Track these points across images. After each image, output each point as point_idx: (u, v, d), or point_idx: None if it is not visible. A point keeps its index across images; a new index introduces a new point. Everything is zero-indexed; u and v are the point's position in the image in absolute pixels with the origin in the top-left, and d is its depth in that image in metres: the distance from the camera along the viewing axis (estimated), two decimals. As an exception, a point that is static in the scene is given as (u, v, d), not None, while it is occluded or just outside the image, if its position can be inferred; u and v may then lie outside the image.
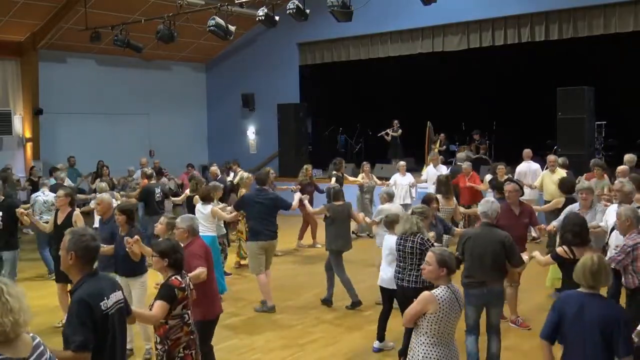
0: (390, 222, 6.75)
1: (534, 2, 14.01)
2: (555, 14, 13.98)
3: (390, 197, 8.38)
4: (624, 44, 13.80)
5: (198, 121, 20.26)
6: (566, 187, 8.48)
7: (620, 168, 9.30)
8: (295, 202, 8.66)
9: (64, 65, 16.70)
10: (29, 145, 16.11)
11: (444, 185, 8.90)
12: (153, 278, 7.28)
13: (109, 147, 16.43)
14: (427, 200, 7.21)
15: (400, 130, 16.68)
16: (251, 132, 19.51)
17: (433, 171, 12.39)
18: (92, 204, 10.31)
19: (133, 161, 15.77)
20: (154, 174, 12.33)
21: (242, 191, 10.87)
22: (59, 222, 7.59)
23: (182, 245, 5.41)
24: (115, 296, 3.54)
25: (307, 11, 11.77)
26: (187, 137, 19.28)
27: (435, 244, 6.09)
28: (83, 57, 16.90)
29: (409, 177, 12.49)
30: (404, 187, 12.28)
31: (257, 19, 12.51)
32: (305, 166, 12.60)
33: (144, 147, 17.89)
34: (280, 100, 17.61)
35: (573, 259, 5.20)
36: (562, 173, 10.60)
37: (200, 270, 5.19)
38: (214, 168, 12.86)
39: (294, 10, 11.58)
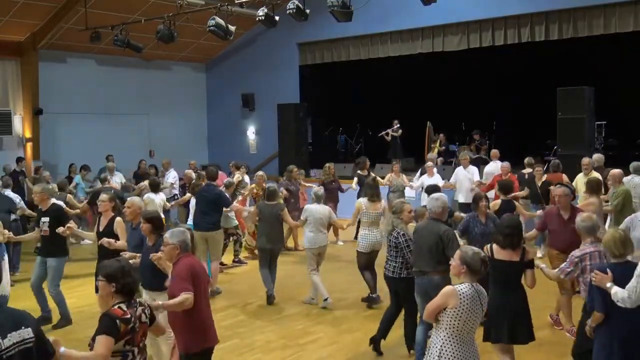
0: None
1: (534, 2, 14.00)
2: (555, 14, 13.96)
3: (318, 198, 8.50)
4: (624, 44, 13.79)
5: (198, 121, 20.24)
6: (504, 190, 8.28)
7: (613, 172, 9.07)
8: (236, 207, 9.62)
9: (64, 65, 16.68)
10: (29, 145, 16.09)
11: (370, 188, 8.46)
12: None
13: (109, 147, 16.37)
14: (477, 199, 7.35)
15: (400, 130, 16.68)
16: (251, 132, 19.50)
17: (463, 172, 12.15)
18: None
19: (133, 161, 15.79)
20: (106, 177, 11.92)
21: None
22: (101, 228, 7.00)
23: (169, 263, 4.86)
24: (19, 335, 2.96)
25: (307, 11, 11.76)
26: (187, 137, 19.26)
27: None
28: (83, 57, 16.88)
29: (437, 179, 12.00)
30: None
31: (257, 19, 12.50)
32: (327, 164, 12.53)
33: (144, 147, 17.87)
34: (280, 100, 17.60)
35: (492, 258, 5.31)
36: (595, 175, 9.96)
37: (185, 297, 4.50)
38: (189, 172, 12.50)
39: (294, 10, 11.57)
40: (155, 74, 18.72)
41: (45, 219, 7.48)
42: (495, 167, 12.32)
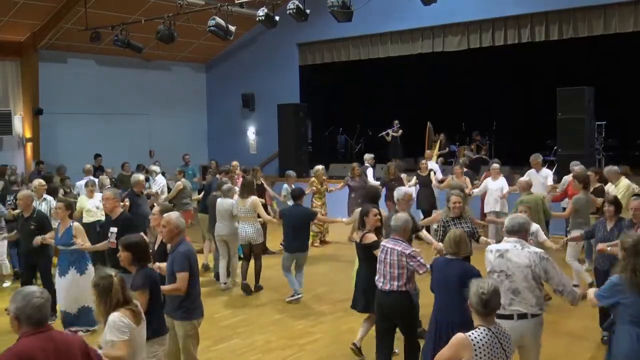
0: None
1: (534, 2, 13.99)
2: (555, 14, 13.96)
3: (224, 193, 9.22)
4: (624, 44, 13.79)
5: (198, 121, 20.25)
6: (370, 197, 7.97)
7: (520, 180, 8.97)
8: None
9: (64, 65, 16.68)
10: (29, 145, 16.10)
11: (243, 186, 9.35)
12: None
13: (109, 147, 16.41)
14: (605, 202, 7.08)
15: (400, 131, 16.68)
16: (251, 132, 19.51)
17: (535, 176, 10.64)
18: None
19: (133, 162, 15.76)
20: (21, 179, 11.08)
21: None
22: (155, 246, 5.89)
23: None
24: None
25: (307, 11, 11.77)
26: (187, 137, 19.25)
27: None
28: (83, 57, 16.88)
29: (502, 182, 10.83)
30: (495, 192, 10.77)
31: (257, 19, 12.50)
32: (388, 164, 12.76)
33: (144, 147, 17.89)
34: (280, 100, 17.60)
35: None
36: (624, 183, 8.96)
37: None
38: (103, 177, 11.58)
39: (294, 11, 11.58)
40: (155, 74, 18.72)
41: (114, 230, 6.53)
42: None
